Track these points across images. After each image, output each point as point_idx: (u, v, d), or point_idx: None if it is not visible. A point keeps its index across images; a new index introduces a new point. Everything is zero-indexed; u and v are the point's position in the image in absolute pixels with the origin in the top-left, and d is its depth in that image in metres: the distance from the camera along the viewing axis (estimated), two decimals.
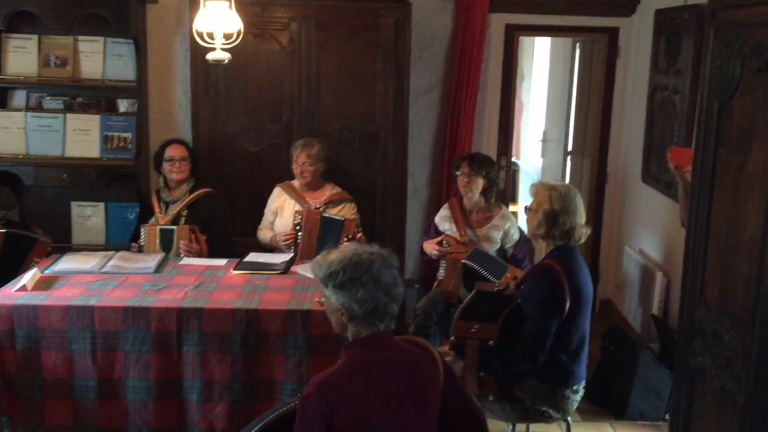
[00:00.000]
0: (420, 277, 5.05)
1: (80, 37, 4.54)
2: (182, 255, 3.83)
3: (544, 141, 6.51)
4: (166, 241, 3.91)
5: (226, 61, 3.33)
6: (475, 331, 2.90)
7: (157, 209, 4.05)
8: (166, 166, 4.06)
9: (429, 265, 4.76)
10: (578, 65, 5.59)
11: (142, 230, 3.97)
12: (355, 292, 2.06)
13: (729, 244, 2.17)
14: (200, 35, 3.33)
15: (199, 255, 3.87)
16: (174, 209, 4.03)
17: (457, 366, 2.89)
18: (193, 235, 3.90)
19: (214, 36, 3.27)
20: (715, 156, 2.25)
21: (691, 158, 2.91)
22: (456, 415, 2.21)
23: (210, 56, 3.32)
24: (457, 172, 4.06)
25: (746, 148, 2.07)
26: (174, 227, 3.91)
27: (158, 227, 3.93)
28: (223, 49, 3.31)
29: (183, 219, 4.00)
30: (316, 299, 2.48)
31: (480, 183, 4.00)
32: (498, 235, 4.02)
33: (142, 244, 3.96)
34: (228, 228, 4.17)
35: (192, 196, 4.05)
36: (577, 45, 5.60)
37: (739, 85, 2.11)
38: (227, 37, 3.33)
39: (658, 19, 4.53)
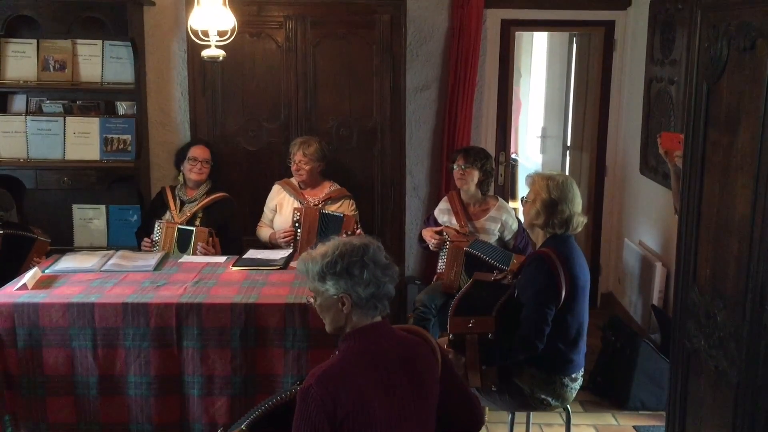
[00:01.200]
0: (421, 273, 5.06)
1: (78, 41, 4.58)
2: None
3: (543, 137, 6.53)
4: (184, 240, 3.93)
5: (221, 58, 3.36)
6: (472, 325, 2.90)
7: (171, 205, 4.08)
8: (187, 165, 4.10)
9: (429, 261, 4.77)
10: (575, 60, 5.61)
11: (157, 225, 3.98)
12: (359, 276, 2.04)
13: (720, 224, 2.18)
14: (195, 33, 3.37)
15: None
16: (189, 209, 4.05)
17: (459, 362, 2.89)
18: (210, 239, 3.92)
19: (209, 33, 3.30)
20: (704, 138, 2.26)
21: (680, 143, 2.93)
22: (453, 403, 2.22)
23: (205, 53, 3.35)
24: (453, 165, 4.09)
25: (734, 128, 2.08)
26: (193, 228, 3.94)
27: (177, 226, 3.95)
28: (218, 47, 3.34)
29: (198, 220, 4.03)
30: (306, 301, 2.42)
31: (476, 175, 4.03)
32: (495, 227, 4.04)
33: (155, 239, 3.98)
34: (240, 234, 4.23)
35: (209, 198, 4.09)
36: (574, 39, 5.62)
37: (727, 65, 2.12)
38: (222, 34, 3.36)
39: (653, 11, 4.54)
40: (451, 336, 2.92)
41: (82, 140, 4.61)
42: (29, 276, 3.24)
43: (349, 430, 1.96)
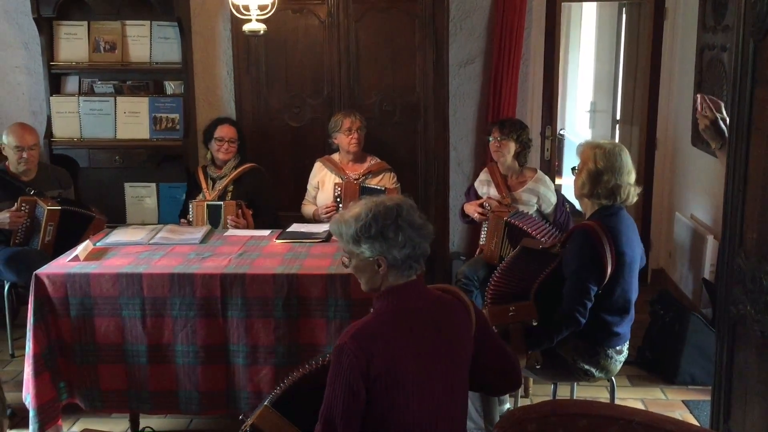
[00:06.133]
0: (465, 249, 5.04)
1: (127, 22, 4.70)
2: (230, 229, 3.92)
3: (592, 111, 6.41)
4: (214, 216, 4.01)
5: (262, 32, 3.40)
6: (513, 314, 2.86)
7: (204, 185, 4.15)
8: (214, 145, 4.16)
9: (474, 236, 4.74)
10: (625, 31, 5.48)
11: (190, 206, 4.08)
12: (394, 238, 2.04)
13: (767, 186, 2.10)
14: (237, 8, 3.41)
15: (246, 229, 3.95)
16: (220, 185, 4.13)
17: None
18: (239, 210, 3.99)
19: (250, 8, 3.34)
20: (751, 97, 2.19)
21: (701, 103, 2.84)
22: (489, 362, 2.21)
23: (246, 27, 3.39)
24: (489, 138, 4.06)
25: None
26: (221, 203, 4.01)
27: (206, 203, 4.03)
28: (259, 21, 3.37)
29: (229, 194, 4.10)
30: (341, 262, 2.32)
31: (512, 147, 4.00)
32: (533, 199, 4.00)
33: (190, 219, 4.08)
34: (272, 202, 4.26)
35: (237, 171, 4.14)
36: (623, 10, 5.48)
37: None
38: (262, 8, 3.39)
39: None
40: (494, 328, 2.87)
41: (132, 119, 4.73)
42: (81, 248, 3.35)
43: (381, 386, 1.98)
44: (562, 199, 4.06)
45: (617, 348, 2.99)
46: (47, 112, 4.73)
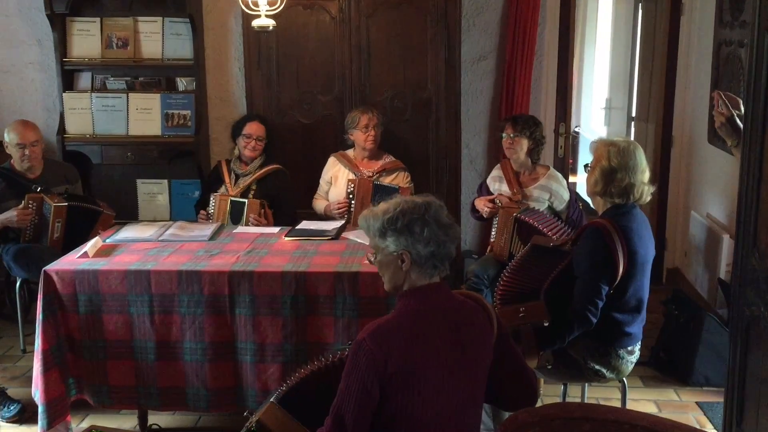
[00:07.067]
0: (477, 247, 5.01)
1: (140, 18, 4.70)
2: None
3: (607, 108, 6.34)
4: (236, 212, 4.00)
5: (271, 27, 3.39)
6: (523, 315, 2.83)
7: (227, 179, 4.14)
8: (241, 141, 4.15)
9: (486, 235, 4.70)
10: (641, 27, 5.40)
11: (212, 198, 4.07)
12: (419, 233, 2.04)
13: None
14: (246, 4, 3.39)
15: None
16: (244, 182, 4.12)
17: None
18: (262, 210, 3.97)
19: (258, 3, 3.32)
20: (766, 93, 2.13)
21: (716, 101, 2.78)
22: (505, 373, 2.19)
23: (255, 23, 3.38)
24: (502, 135, 4.02)
25: None
26: (245, 200, 4.00)
27: (230, 198, 4.02)
28: (268, 16, 3.35)
29: (252, 192, 4.09)
30: (366, 258, 2.34)
31: (525, 144, 3.95)
32: (545, 195, 3.96)
33: (210, 212, 4.06)
34: (293, 205, 4.25)
35: (262, 171, 4.14)
36: (640, 5, 5.41)
37: None
38: (272, 4, 3.38)
39: None
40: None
41: (144, 116, 4.73)
42: (90, 245, 3.35)
43: (396, 386, 1.96)
44: (575, 197, 4.02)
45: (629, 348, 2.95)
46: (60, 109, 4.74)
